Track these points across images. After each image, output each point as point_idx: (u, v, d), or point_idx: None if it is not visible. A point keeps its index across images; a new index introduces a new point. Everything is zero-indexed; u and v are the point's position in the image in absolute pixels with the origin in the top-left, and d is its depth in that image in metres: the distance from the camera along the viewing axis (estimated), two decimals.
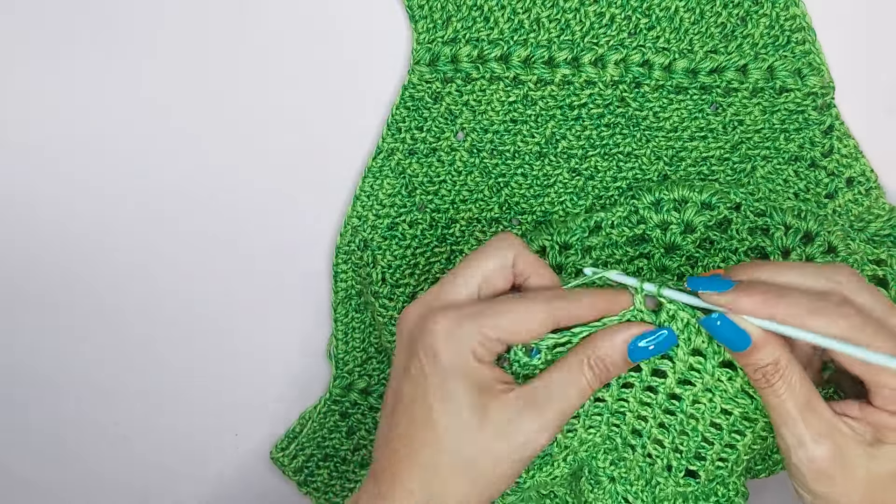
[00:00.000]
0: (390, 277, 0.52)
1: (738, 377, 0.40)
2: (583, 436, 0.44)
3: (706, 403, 0.41)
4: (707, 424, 0.42)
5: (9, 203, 0.53)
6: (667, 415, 0.42)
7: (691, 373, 0.40)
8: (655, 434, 0.43)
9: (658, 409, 0.42)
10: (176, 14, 0.49)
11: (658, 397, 0.42)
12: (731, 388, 0.40)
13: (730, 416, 0.41)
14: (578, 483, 0.47)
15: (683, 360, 0.40)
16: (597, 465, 0.46)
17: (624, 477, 0.45)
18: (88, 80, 0.50)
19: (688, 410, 0.42)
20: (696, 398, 0.41)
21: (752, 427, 0.41)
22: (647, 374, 0.41)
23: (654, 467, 0.44)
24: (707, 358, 0.40)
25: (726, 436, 0.42)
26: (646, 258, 0.48)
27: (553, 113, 0.49)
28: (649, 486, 0.45)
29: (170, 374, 0.59)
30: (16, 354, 0.58)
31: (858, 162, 0.49)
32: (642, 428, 0.43)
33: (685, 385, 0.41)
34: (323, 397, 0.58)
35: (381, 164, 0.51)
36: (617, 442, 0.45)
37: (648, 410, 0.43)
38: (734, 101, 0.48)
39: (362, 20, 0.49)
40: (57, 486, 0.63)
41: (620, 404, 0.43)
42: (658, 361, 0.41)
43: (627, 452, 0.45)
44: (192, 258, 0.55)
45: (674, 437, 0.43)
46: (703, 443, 0.43)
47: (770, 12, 0.46)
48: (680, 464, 0.44)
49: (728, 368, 0.40)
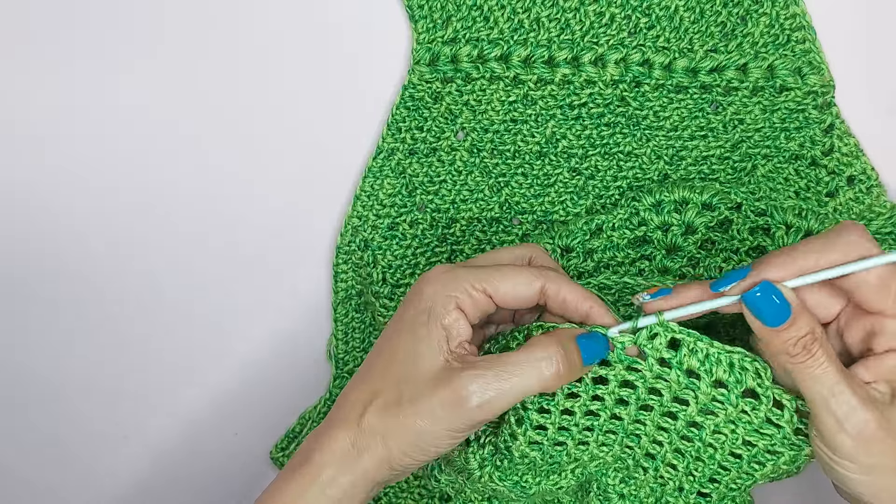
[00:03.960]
0: (391, 277, 0.52)
1: (762, 406, 0.39)
2: (594, 451, 0.43)
3: (727, 434, 0.40)
4: (726, 454, 0.41)
5: (9, 203, 0.53)
6: (684, 441, 0.42)
7: (714, 404, 0.39)
8: (670, 459, 0.43)
9: (675, 435, 0.41)
10: (177, 17, 0.49)
11: (677, 424, 0.41)
12: (756, 419, 0.39)
13: (752, 447, 0.40)
14: (587, 496, 0.47)
15: (706, 392, 0.39)
16: (606, 482, 0.45)
17: (634, 494, 0.45)
18: (88, 80, 0.50)
19: (707, 440, 0.41)
20: (718, 429, 0.40)
21: (775, 461, 0.40)
22: (668, 399, 0.40)
23: (665, 488, 0.44)
24: (730, 389, 0.39)
25: (745, 465, 0.41)
26: (647, 260, 0.48)
27: (553, 112, 0.49)
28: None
29: (170, 374, 0.59)
30: (16, 354, 0.58)
31: (859, 160, 0.49)
32: (657, 452, 0.43)
33: (707, 415, 0.40)
34: (323, 397, 0.58)
35: (381, 164, 0.51)
36: (628, 463, 0.44)
37: (665, 436, 0.42)
38: (734, 100, 0.48)
39: (362, 20, 0.49)
40: (57, 486, 0.63)
41: (637, 427, 0.42)
42: (680, 391, 0.40)
43: (638, 473, 0.44)
44: (192, 258, 0.55)
45: (689, 462, 0.42)
46: (719, 469, 0.42)
47: (770, 11, 0.46)
48: (692, 486, 0.43)
49: (751, 399, 0.39)
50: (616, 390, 0.40)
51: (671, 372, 0.39)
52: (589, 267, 0.49)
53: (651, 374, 0.39)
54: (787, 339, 0.37)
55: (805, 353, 0.37)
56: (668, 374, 0.39)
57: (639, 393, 0.40)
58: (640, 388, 0.40)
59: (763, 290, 0.37)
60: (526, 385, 0.38)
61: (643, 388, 0.40)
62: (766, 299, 0.37)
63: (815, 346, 0.37)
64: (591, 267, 0.49)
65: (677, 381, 0.39)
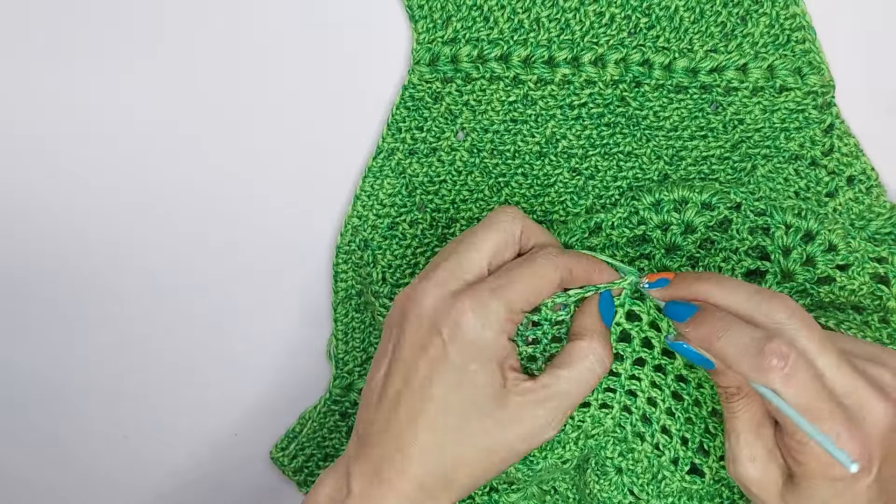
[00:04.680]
0: (391, 277, 0.52)
1: None
2: (595, 413, 0.44)
3: (707, 388, 0.43)
4: (709, 411, 0.43)
5: (9, 203, 0.53)
6: (675, 399, 0.44)
7: None
8: (664, 420, 0.44)
9: (667, 390, 0.44)
10: (177, 17, 0.49)
11: (667, 378, 0.44)
12: None
13: None
14: (583, 476, 0.47)
15: None
16: (604, 456, 0.46)
17: (631, 469, 0.46)
18: (88, 80, 0.50)
19: (693, 394, 0.43)
20: (699, 381, 0.43)
21: None
22: (658, 352, 0.43)
23: (661, 459, 0.45)
24: None
25: None
26: (647, 259, 0.48)
27: (553, 112, 0.49)
28: (655, 480, 0.45)
29: (170, 374, 0.59)
30: (16, 354, 0.58)
31: (859, 160, 0.49)
32: (652, 413, 0.45)
33: (691, 368, 0.43)
34: (323, 397, 0.58)
35: (381, 164, 0.51)
36: (627, 430, 0.45)
37: (658, 393, 0.44)
38: (734, 100, 0.48)
39: (362, 20, 0.49)
40: (57, 486, 0.63)
41: (633, 383, 0.44)
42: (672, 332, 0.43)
43: (636, 443, 0.45)
44: (192, 258, 0.55)
45: (681, 424, 0.44)
46: (706, 434, 0.44)
47: (770, 11, 0.46)
48: (686, 456, 0.44)
49: None
50: (615, 345, 0.43)
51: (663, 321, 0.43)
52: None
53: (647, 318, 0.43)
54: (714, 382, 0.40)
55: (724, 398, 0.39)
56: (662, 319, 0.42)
57: (634, 345, 0.43)
58: (635, 340, 0.43)
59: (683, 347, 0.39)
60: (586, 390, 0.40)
61: (638, 339, 0.43)
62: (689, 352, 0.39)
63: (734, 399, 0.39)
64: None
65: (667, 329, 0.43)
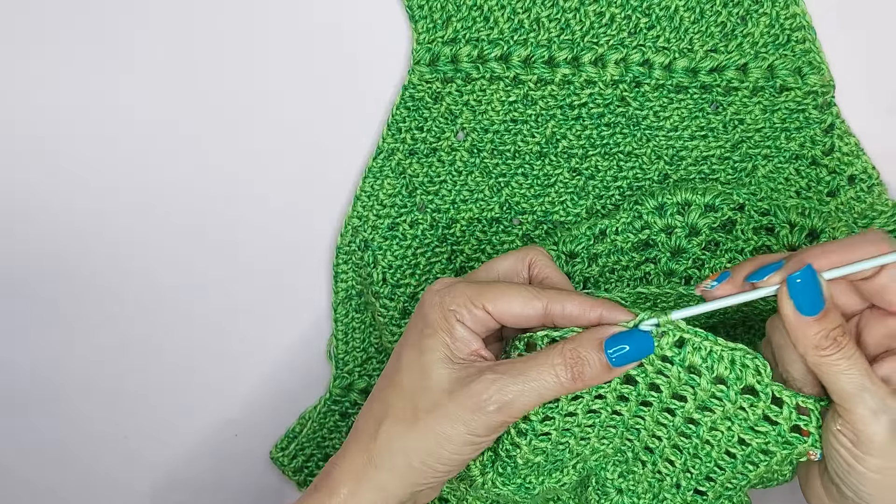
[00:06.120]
0: (391, 278, 0.52)
1: (760, 403, 0.39)
2: (595, 445, 0.43)
3: (724, 432, 0.40)
4: (721, 452, 0.41)
5: (9, 203, 0.53)
6: (682, 437, 0.42)
7: (712, 400, 0.40)
8: (668, 454, 0.43)
9: (674, 430, 0.42)
10: (177, 17, 0.49)
11: (675, 420, 0.41)
12: (753, 416, 0.39)
13: (747, 447, 0.40)
14: (585, 492, 0.47)
15: (706, 388, 0.39)
16: (605, 476, 0.45)
17: (632, 489, 0.45)
18: (88, 80, 0.50)
19: (703, 437, 0.41)
20: (714, 426, 0.40)
21: (768, 461, 0.40)
22: (667, 395, 0.40)
23: (662, 483, 0.44)
24: (729, 385, 0.39)
25: (739, 465, 0.41)
26: (652, 263, 0.48)
27: (553, 112, 0.49)
28: (656, 501, 0.44)
29: (170, 374, 0.59)
30: (16, 354, 0.58)
31: (860, 159, 0.49)
32: (655, 447, 0.43)
33: (704, 411, 0.40)
34: (323, 397, 0.58)
35: (381, 165, 0.50)
36: (628, 456, 0.44)
37: (664, 431, 0.42)
38: (734, 100, 0.48)
39: (362, 20, 0.49)
40: (57, 487, 0.63)
41: (637, 421, 0.42)
42: (680, 387, 0.40)
43: (637, 467, 0.44)
44: (192, 258, 0.55)
45: (686, 459, 0.42)
46: (715, 468, 0.42)
47: (770, 11, 0.46)
48: (689, 483, 0.43)
49: (750, 395, 0.39)
50: (618, 387, 0.41)
51: (672, 368, 0.39)
52: (594, 272, 0.49)
53: (653, 368, 0.40)
54: (819, 331, 0.37)
55: (835, 346, 0.37)
56: (670, 370, 0.39)
57: (639, 389, 0.40)
58: (640, 385, 0.40)
59: (804, 276, 0.37)
60: (544, 388, 0.39)
61: (644, 384, 0.40)
62: (807, 285, 0.37)
63: (844, 340, 0.37)
64: (595, 272, 0.49)
65: (678, 377, 0.39)
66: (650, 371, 0.40)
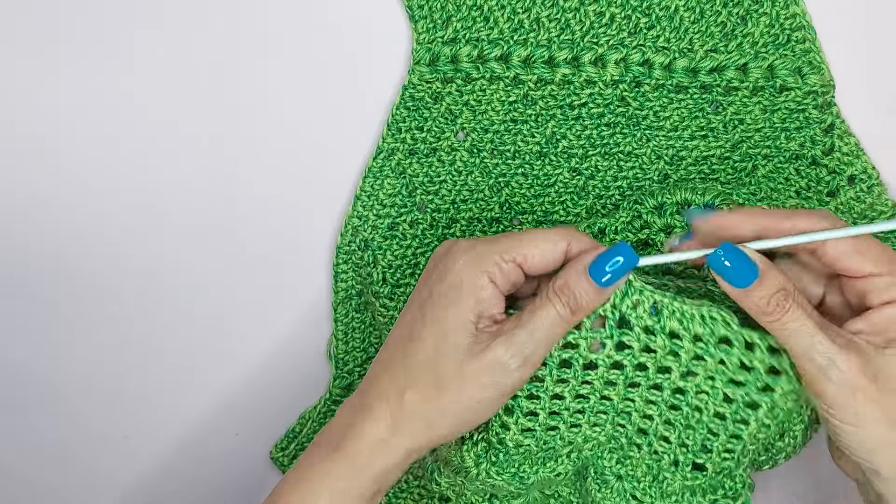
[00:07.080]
0: (391, 277, 0.52)
1: (734, 350, 0.40)
2: (587, 433, 0.44)
3: (709, 391, 0.42)
4: (711, 415, 0.42)
5: (9, 203, 0.53)
6: (672, 411, 0.43)
7: (694, 362, 0.41)
8: (661, 431, 0.44)
9: (664, 405, 0.43)
10: (177, 17, 0.49)
11: (664, 394, 0.43)
12: (731, 367, 0.40)
13: (732, 403, 0.41)
14: (584, 483, 0.47)
15: (689, 349, 0.41)
16: (602, 465, 0.46)
17: (630, 474, 0.46)
18: (88, 80, 0.50)
19: (692, 402, 0.42)
20: (700, 388, 0.42)
21: (755, 414, 0.41)
22: (653, 371, 0.42)
23: (660, 463, 0.45)
24: (706, 341, 0.40)
25: (730, 425, 0.42)
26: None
27: (553, 112, 0.49)
28: (657, 482, 0.45)
29: (170, 374, 0.59)
30: (16, 354, 0.58)
31: (860, 160, 0.49)
32: (648, 427, 0.44)
33: (688, 377, 0.42)
34: (323, 397, 0.58)
35: (381, 164, 0.51)
36: (622, 442, 0.45)
37: (654, 409, 0.43)
38: (734, 99, 0.48)
39: (362, 20, 0.49)
40: (57, 487, 0.63)
41: (626, 404, 0.43)
42: (664, 357, 0.41)
43: (633, 451, 0.45)
44: (192, 258, 0.55)
45: (679, 432, 0.43)
46: (708, 435, 0.43)
47: (770, 11, 0.46)
48: (686, 458, 0.44)
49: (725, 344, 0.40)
50: (605, 374, 0.42)
51: (657, 338, 0.41)
52: None
53: (639, 344, 0.41)
54: (760, 299, 0.38)
55: (780, 310, 0.38)
56: (655, 340, 0.41)
57: (626, 372, 0.42)
58: (627, 367, 0.42)
59: (726, 252, 0.38)
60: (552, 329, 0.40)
61: (630, 365, 0.42)
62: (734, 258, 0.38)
63: (787, 302, 0.38)
64: None
65: (663, 345, 0.41)
66: (637, 349, 0.41)
